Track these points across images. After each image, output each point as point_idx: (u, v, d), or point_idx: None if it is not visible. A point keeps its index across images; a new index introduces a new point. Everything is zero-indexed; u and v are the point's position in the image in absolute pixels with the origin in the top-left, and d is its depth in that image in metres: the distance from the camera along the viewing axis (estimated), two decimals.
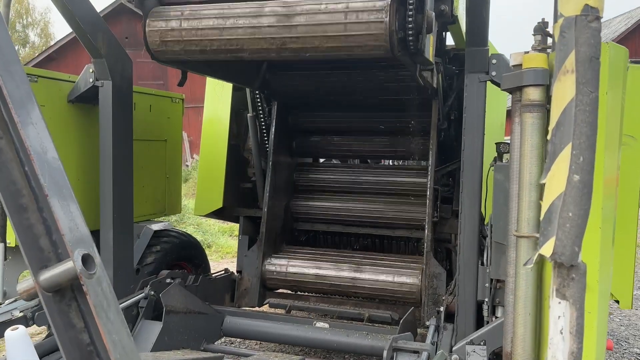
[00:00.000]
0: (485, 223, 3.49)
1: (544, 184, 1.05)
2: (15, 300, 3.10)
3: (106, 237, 3.92)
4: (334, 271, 4.97)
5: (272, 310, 5.27)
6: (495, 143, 3.14)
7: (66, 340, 1.13)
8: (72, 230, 1.13)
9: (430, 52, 3.07)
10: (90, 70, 3.90)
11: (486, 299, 3.19)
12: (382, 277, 4.84)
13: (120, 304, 3.90)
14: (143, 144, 4.74)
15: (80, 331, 1.16)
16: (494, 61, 3.17)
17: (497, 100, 4.42)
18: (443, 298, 4.42)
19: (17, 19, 49.57)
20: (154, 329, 3.93)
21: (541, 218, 1.05)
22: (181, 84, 3.95)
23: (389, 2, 2.79)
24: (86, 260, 1.12)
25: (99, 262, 1.16)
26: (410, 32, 2.87)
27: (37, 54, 32.69)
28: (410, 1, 2.83)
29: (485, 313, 3.25)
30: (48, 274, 1.12)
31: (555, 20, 1.12)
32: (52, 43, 33.56)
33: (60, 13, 3.50)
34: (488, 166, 3.30)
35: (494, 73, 3.16)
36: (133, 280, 4.17)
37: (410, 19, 2.84)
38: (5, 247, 3.42)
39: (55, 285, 1.12)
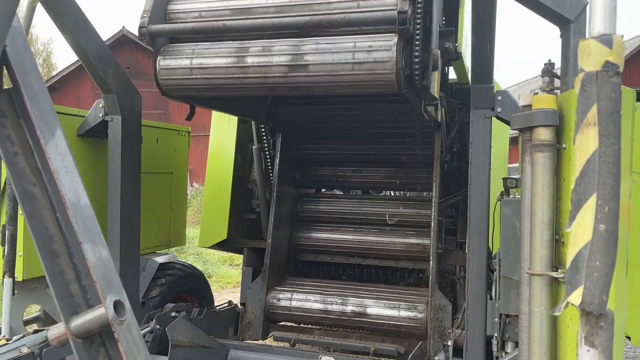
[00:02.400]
0: (492, 256, 3.50)
1: (569, 232, 1.08)
2: (23, 337, 3.08)
3: None
4: (339, 304, 4.95)
5: (277, 343, 5.23)
6: (503, 178, 3.18)
7: None
8: (104, 277, 1.15)
9: (435, 88, 3.14)
10: (100, 105, 3.96)
11: (495, 334, 3.18)
12: (387, 310, 4.82)
13: None
14: (149, 176, 4.77)
15: None
16: (499, 97, 3.23)
17: (500, 131, 4.48)
18: (449, 331, 4.40)
19: None
20: None
21: (567, 265, 1.08)
22: (189, 118, 4.00)
23: (396, 41, 2.86)
24: (117, 306, 1.14)
25: (129, 309, 1.17)
26: (416, 69, 2.93)
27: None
28: (417, 40, 2.90)
29: (494, 348, 3.24)
30: (79, 321, 1.13)
31: (562, 79, 1.17)
32: (54, 73, 33.93)
33: (72, 49, 3.57)
34: (494, 199, 3.33)
35: (499, 109, 3.23)
36: (139, 314, 4.15)
37: (416, 58, 2.92)
38: (14, 282, 3.42)
39: (86, 331, 1.13)
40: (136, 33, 3.39)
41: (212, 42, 3.33)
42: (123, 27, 25.68)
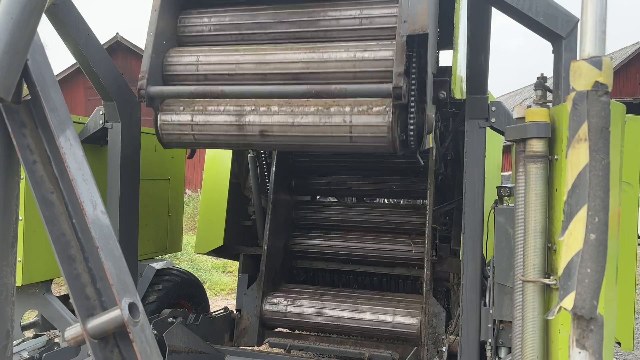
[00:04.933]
0: (486, 263, 3.57)
1: (562, 241, 1.15)
2: (23, 341, 3.10)
3: None
4: (334, 310, 4.99)
5: (272, 349, 5.26)
6: (497, 187, 3.25)
7: None
8: (119, 280, 1.20)
9: (429, 142, 3.23)
10: (100, 113, 4.00)
11: (489, 340, 3.24)
12: (382, 316, 4.87)
13: None
14: (147, 182, 4.81)
15: None
16: (493, 108, 3.31)
17: (494, 140, 4.56)
18: (443, 337, 4.45)
19: None
20: None
21: (560, 273, 1.14)
22: (191, 156, 3.99)
23: (391, 108, 2.98)
24: (132, 308, 1.19)
25: (142, 310, 1.22)
26: (411, 135, 3.06)
27: None
28: (412, 106, 3.01)
29: (488, 353, 3.30)
30: (96, 322, 1.18)
31: (554, 93, 1.24)
32: None
33: (74, 57, 3.62)
34: (488, 208, 3.40)
35: (493, 119, 3.30)
36: None
37: (411, 125, 3.04)
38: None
39: (102, 332, 1.18)
40: (130, 39, 3.48)
41: (212, 97, 3.36)
42: (117, 33, 25.70)
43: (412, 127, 3.03)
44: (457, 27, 3.49)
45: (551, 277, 2.00)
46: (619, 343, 2.83)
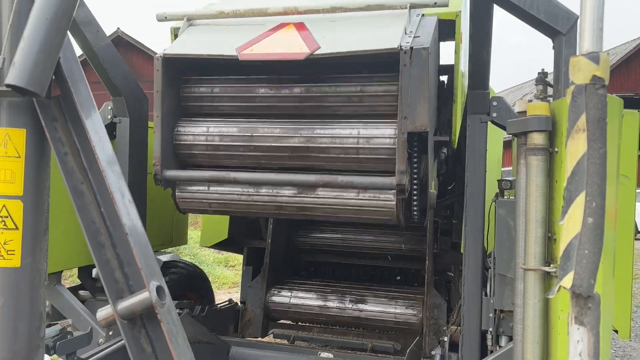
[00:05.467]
0: (487, 255, 3.65)
1: (562, 225, 1.23)
2: None
3: None
4: (337, 302, 5.09)
5: (276, 340, 5.35)
6: (497, 180, 3.33)
7: None
8: (146, 265, 1.28)
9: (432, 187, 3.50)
10: (109, 108, 4.08)
11: (490, 329, 3.32)
12: (384, 308, 4.97)
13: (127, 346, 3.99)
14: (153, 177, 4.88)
15: (149, 355, 1.30)
16: (494, 103, 3.39)
17: (494, 135, 4.63)
18: (445, 328, 4.54)
19: None
20: None
21: (559, 255, 1.22)
22: None
23: (395, 195, 3.18)
24: (159, 291, 1.27)
25: (168, 293, 1.30)
26: (415, 211, 3.32)
27: None
28: (415, 190, 3.25)
29: (489, 342, 3.38)
30: (125, 304, 1.26)
31: (555, 88, 1.32)
32: None
33: (84, 53, 3.68)
34: (489, 201, 3.48)
35: (494, 114, 3.38)
36: None
37: (415, 207, 3.30)
38: None
39: (131, 313, 1.26)
40: (132, 35, 3.59)
41: (226, 169, 3.58)
42: (118, 28, 25.74)
43: (415, 206, 3.31)
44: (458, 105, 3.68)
45: (551, 265, 2.08)
46: (616, 331, 2.91)
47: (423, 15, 3.33)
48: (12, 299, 1.30)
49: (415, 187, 3.31)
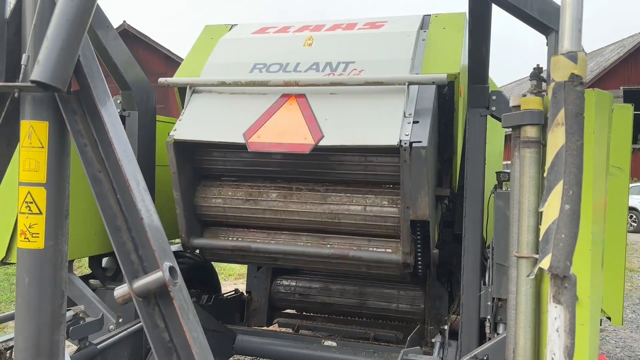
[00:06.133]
0: (486, 246, 3.74)
1: (542, 212, 1.32)
2: None
3: None
4: (341, 292, 5.20)
5: (281, 329, 5.48)
6: (496, 172, 3.42)
7: (153, 338, 1.38)
8: (160, 247, 1.39)
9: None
10: (118, 102, 4.19)
11: (488, 317, 3.42)
12: (387, 299, 5.07)
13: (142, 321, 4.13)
14: (161, 169, 4.99)
15: (162, 330, 1.41)
16: (493, 97, 3.47)
17: (496, 129, 4.72)
18: (446, 318, 4.64)
19: None
20: None
21: (540, 239, 1.32)
22: None
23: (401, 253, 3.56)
24: (171, 271, 1.38)
25: (179, 274, 1.41)
26: (419, 268, 3.73)
27: None
28: (418, 254, 3.66)
29: (487, 330, 3.48)
30: (140, 282, 1.37)
31: (548, 83, 1.40)
32: None
33: (95, 48, 3.79)
34: (489, 193, 3.57)
35: (493, 108, 3.46)
36: None
37: (419, 263, 3.70)
38: None
39: (146, 291, 1.37)
40: (138, 27, 3.80)
41: (247, 229, 4.07)
42: (124, 21, 25.86)
43: (420, 264, 3.69)
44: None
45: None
46: (609, 318, 3.01)
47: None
48: (37, 278, 1.42)
49: (419, 252, 3.69)
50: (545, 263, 1.31)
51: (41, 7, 1.39)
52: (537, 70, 2.44)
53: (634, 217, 20.63)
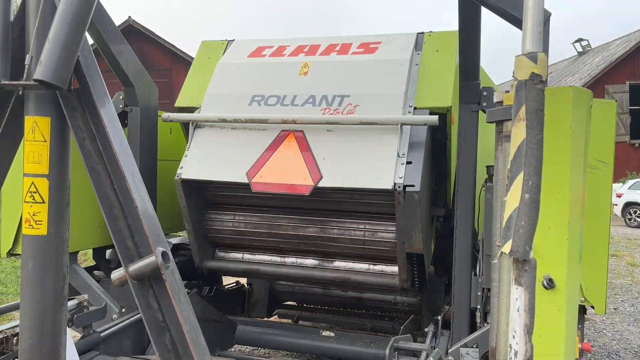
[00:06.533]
0: (478, 238, 3.84)
1: (505, 201, 1.42)
2: None
3: None
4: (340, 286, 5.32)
5: (281, 320, 5.61)
6: (486, 166, 3.51)
7: (148, 317, 1.50)
8: (153, 233, 1.50)
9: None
10: (121, 97, 4.30)
11: (478, 306, 3.53)
12: (385, 291, 5.18)
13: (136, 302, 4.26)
14: (163, 163, 5.11)
15: (155, 311, 1.52)
16: (484, 93, 3.56)
17: (489, 125, 4.80)
18: (442, 310, 4.75)
19: None
20: None
21: (503, 226, 1.42)
22: None
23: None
24: (164, 255, 1.49)
25: (172, 259, 1.53)
26: (416, 284, 4.08)
27: None
28: (415, 271, 3.94)
29: (477, 319, 3.59)
30: (136, 266, 1.48)
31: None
32: None
33: (96, 44, 3.89)
34: (480, 187, 3.66)
35: (484, 104, 3.55)
36: None
37: (415, 281, 4.03)
38: None
39: (140, 275, 1.49)
40: (142, 23, 3.94)
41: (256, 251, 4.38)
42: (129, 17, 25.97)
43: (416, 282, 4.04)
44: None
45: None
46: (592, 307, 3.10)
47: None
48: (40, 262, 1.53)
49: (415, 274, 3.99)
50: (506, 248, 1.41)
51: (43, 11, 1.49)
52: None
53: (638, 212, 20.64)
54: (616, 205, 21.24)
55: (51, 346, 1.55)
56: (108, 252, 4.73)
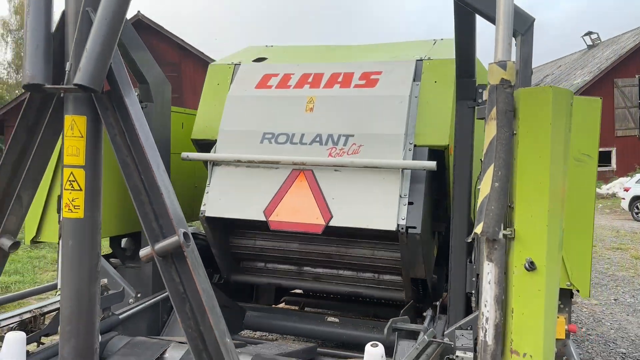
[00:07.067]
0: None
1: (479, 189, 1.64)
2: None
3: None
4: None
5: (288, 307, 5.85)
6: (480, 159, 3.71)
7: (171, 289, 1.74)
8: (176, 216, 1.74)
9: None
10: (136, 94, 4.53)
11: (473, 291, 3.74)
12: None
13: (158, 296, 4.51)
14: (175, 156, 5.35)
15: (178, 284, 1.76)
16: (480, 90, 3.76)
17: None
18: (442, 298, 4.97)
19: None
20: None
21: (476, 210, 1.63)
22: None
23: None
24: (185, 236, 1.73)
25: (192, 238, 1.76)
26: (420, 291, 4.42)
27: None
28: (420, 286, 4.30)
29: (473, 304, 3.80)
30: (161, 245, 1.72)
31: (523, 80, 1.74)
32: None
33: (118, 48, 4.12)
34: (476, 178, 3.87)
35: (480, 100, 3.75)
36: None
37: (420, 289, 4.41)
38: None
39: (165, 252, 1.72)
40: (152, 18, 4.18)
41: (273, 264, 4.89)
42: (138, 11, 26.21)
43: (421, 290, 4.44)
44: None
45: (507, 229, 2.49)
46: (578, 290, 3.31)
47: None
48: (78, 241, 1.77)
49: (420, 287, 4.41)
50: (479, 229, 1.63)
51: (80, 25, 1.72)
52: None
53: None
54: (623, 199, 21.23)
55: (87, 313, 1.79)
56: (123, 241, 4.98)
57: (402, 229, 3.81)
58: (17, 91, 46.06)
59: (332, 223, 3.94)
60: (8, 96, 41.59)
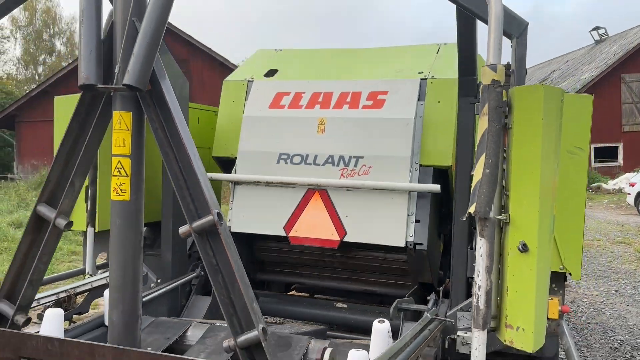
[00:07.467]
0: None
1: (472, 175, 1.89)
2: (106, 271, 3.97)
3: (167, 227, 4.79)
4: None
5: (298, 294, 6.12)
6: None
7: (206, 262, 2.01)
8: (211, 199, 2.01)
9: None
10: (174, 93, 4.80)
11: (474, 276, 3.99)
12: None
13: (177, 281, 4.79)
14: None
15: (211, 257, 2.03)
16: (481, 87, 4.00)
17: None
18: (444, 283, 5.22)
19: (44, 29, 51.58)
20: (204, 302, 4.81)
21: (471, 192, 1.89)
22: None
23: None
24: (219, 216, 1.99)
25: (224, 218, 2.03)
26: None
27: (64, 64, 34.43)
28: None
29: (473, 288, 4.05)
30: (197, 223, 1.99)
31: (518, 79, 1.99)
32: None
33: None
34: None
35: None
36: (186, 263, 5.05)
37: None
38: (95, 231, 4.33)
39: (201, 229, 1.99)
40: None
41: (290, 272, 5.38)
42: None
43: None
44: None
45: (502, 215, 2.74)
46: (570, 273, 3.56)
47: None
48: (125, 221, 2.05)
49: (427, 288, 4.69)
50: (472, 209, 1.88)
51: (128, 33, 1.99)
52: (506, 67, 2.96)
53: None
54: (629, 194, 21.29)
55: (132, 283, 2.07)
56: (143, 229, 5.26)
57: (411, 245, 4.23)
58: (26, 87, 46.51)
59: (346, 239, 4.37)
60: (18, 92, 42.02)
